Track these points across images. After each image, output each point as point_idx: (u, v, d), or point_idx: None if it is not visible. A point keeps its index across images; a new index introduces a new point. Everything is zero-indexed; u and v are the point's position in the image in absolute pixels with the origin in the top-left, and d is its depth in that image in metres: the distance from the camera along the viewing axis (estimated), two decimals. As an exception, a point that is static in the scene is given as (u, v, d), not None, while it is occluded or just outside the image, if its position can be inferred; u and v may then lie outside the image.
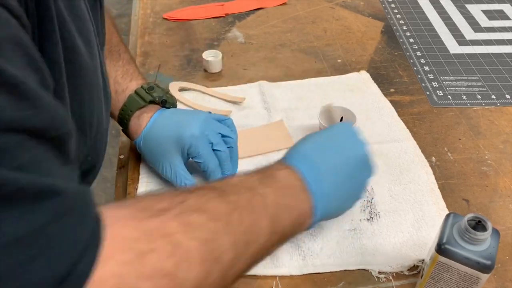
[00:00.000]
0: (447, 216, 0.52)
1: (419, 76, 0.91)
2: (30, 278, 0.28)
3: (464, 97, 0.86)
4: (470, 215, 0.49)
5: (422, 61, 0.95)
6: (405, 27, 1.06)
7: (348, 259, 0.60)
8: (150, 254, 0.33)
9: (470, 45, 1.00)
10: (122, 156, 0.74)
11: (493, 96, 0.87)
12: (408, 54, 0.97)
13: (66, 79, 0.42)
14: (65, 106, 0.42)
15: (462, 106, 0.84)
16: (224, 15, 1.07)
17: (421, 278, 0.55)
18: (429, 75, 0.91)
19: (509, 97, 0.87)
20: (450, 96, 0.86)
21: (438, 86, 0.89)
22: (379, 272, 0.58)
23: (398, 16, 1.10)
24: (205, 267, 0.36)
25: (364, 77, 0.90)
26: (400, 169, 0.71)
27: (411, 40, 1.01)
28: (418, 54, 0.97)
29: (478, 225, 0.48)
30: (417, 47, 0.99)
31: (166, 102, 0.69)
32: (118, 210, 0.36)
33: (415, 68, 0.93)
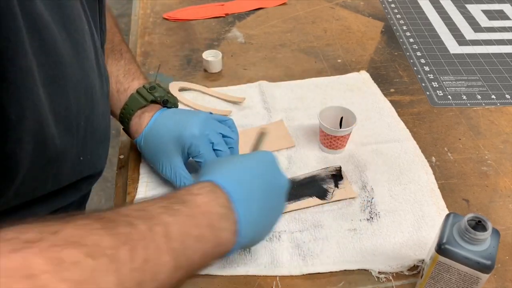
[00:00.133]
0: (447, 216, 0.52)
1: (419, 76, 0.91)
2: None
3: (464, 97, 0.86)
4: (470, 215, 0.49)
5: (422, 61, 0.95)
6: (405, 27, 1.06)
7: (348, 259, 0.60)
8: None
9: (470, 45, 1.00)
10: (122, 156, 0.74)
11: (493, 96, 0.87)
12: (408, 54, 0.97)
13: (47, 82, 0.41)
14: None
15: (462, 106, 0.84)
16: (224, 15, 1.07)
17: (421, 278, 0.55)
18: (429, 75, 0.91)
19: (509, 97, 0.87)
20: (450, 96, 0.86)
21: (438, 86, 0.89)
22: (379, 272, 0.58)
23: (398, 16, 1.10)
24: None
25: (364, 77, 0.90)
26: (400, 169, 0.71)
27: (411, 40, 1.01)
28: (418, 54, 0.97)
29: (478, 225, 0.48)
30: (417, 47, 0.99)
31: (167, 102, 0.70)
32: None
33: (415, 68, 0.93)
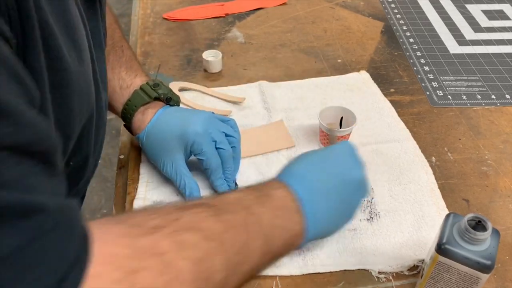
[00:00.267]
0: (447, 216, 0.52)
1: (419, 76, 0.91)
2: None
3: (464, 97, 0.86)
4: (470, 215, 0.49)
5: (422, 61, 0.95)
6: (405, 27, 1.06)
7: (348, 259, 0.60)
8: (140, 273, 0.32)
9: (470, 45, 1.00)
10: (122, 156, 0.74)
11: (493, 96, 0.87)
12: (408, 54, 0.97)
13: (52, 89, 0.41)
14: (47, 116, 0.41)
15: (462, 106, 0.84)
16: (224, 15, 1.07)
17: (421, 278, 0.55)
18: (429, 75, 0.91)
19: (509, 97, 0.87)
20: (450, 96, 0.86)
21: (438, 86, 0.89)
22: (379, 272, 0.58)
23: (398, 16, 1.10)
24: (195, 287, 0.35)
25: (364, 77, 0.90)
26: (400, 169, 0.71)
27: (411, 40, 1.01)
28: (418, 54, 0.97)
29: (478, 225, 0.48)
30: (417, 47, 0.99)
31: (170, 99, 0.70)
32: (109, 226, 0.35)
33: (415, 68, 0.93)
